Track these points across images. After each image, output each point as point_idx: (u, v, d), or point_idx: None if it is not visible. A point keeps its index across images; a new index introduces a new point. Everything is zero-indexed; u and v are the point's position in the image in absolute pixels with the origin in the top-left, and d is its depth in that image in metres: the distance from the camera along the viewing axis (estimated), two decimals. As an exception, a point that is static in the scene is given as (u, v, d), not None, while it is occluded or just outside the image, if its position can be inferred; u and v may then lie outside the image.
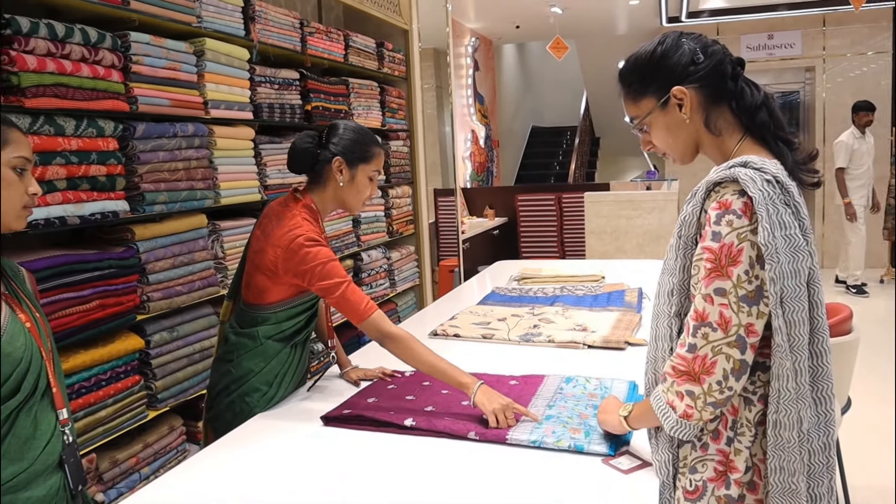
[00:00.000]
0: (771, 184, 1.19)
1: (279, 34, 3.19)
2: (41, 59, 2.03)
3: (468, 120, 9.11)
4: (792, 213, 1.20)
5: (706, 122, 1.32)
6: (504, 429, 1.68)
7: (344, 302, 1.86)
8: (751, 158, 1.23)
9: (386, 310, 4.20)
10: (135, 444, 2.41)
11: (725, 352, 1.18)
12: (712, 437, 1.27)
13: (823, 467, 1.24)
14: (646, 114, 1.36)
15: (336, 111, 3.65)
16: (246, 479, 1.56)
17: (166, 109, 2.51)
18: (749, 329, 1.18)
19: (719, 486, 1.25)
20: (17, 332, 1.35)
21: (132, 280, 2.37)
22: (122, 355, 2.32)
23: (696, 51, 1.30)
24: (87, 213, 2.21)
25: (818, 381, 1.24)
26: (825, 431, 1.24)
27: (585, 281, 3.42)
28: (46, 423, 1.39)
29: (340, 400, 1.94)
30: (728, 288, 1.18)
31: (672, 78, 1.31)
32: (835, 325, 2.48)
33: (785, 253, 1.16)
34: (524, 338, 2.48)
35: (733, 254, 1.18)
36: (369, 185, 2.09)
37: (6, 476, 1.32)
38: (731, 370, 1.18)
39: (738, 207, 1.18)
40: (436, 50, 7.17)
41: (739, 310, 1.18)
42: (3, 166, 1.33)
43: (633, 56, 1.37)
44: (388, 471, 1.55)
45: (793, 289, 1.17)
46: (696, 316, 1.21)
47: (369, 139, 2.06)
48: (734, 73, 1.31)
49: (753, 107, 1.29)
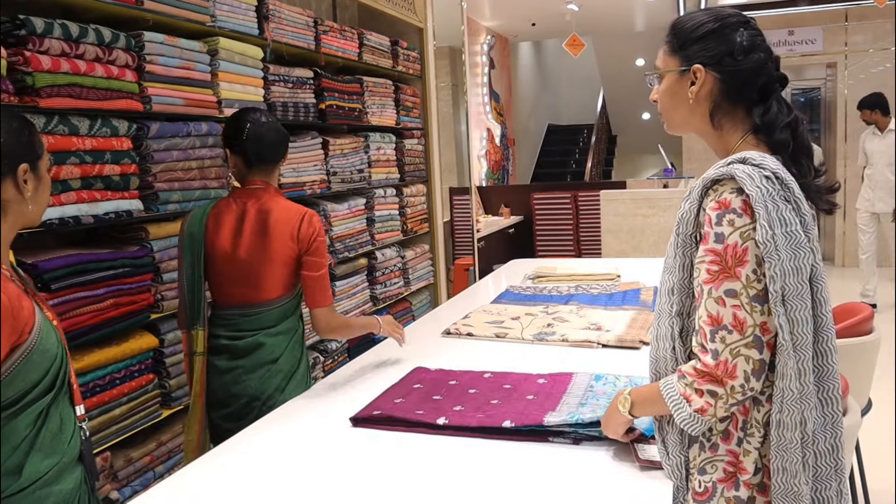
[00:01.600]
0: (770, 180, 1.17)
1: (293, 33, 3.19)
2: (55, 60, 2.04)
3: (484, 118, 9.09)
4: (793, 209, 1.18)
5: (711, 113, 1.30)
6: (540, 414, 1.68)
7: (323, 281, 2.13)
8: (750, 154, 1.21)
9: (400, 308, 4.21)
10: (149, 443, 2.42)
11: (744, 353, 1.17)
12: (722, 438, 1.24)
13: (831, 470, 1.22)
14: (665, 70, 1.34)
15: (350, 109, 3.64)
16: (264, 479, 1.55)
17: (180, 109, 2.52)
18: (763, 328, 1.16)
19: (729, 487, 1.23)
20: (49, 329, 1.40)
21: (146, 279, 2.38)
22: (137, 354, 2.33)
23: (742, 47, 1.27)
24: (102, 212, 2.21)
25: (824, 380, 1.22)
26: (832, 433, 1.22)
27: (600, 280, 3.40)
28: (69, 419, 1.45)
29: (364, 399, 1.93)
30: (738, 289, 1.17)
31: (702, 55, 1.28)
32: (855, 324, 2.44)
33: (786, 250, 1.14)
34: (538, 337, 2.46)
35: (739, 254, 1.16)
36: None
37: (44, 468, 1.38)
38: (751, 371, 1.17)
39: (737, 206, 1.17)
40: (451, 48, 7.15)
41: (753, 310, 1.16)
42: (45, 170, 1.46)
43: (691, 15, 1.34)
44: (421, 471, 1.55)
45: (795, 286, 1.15)
46: (710, 321, 1.19)
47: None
48: (766, 86, 1.28)
49: (775, 125, 1.26)
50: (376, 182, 3.95)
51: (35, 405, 1.37)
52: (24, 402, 1.35)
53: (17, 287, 1.37)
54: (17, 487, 1.36)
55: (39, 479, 1.38)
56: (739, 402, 1.20)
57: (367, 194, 3.87)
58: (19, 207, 1.40)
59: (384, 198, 4.01)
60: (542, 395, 1.87)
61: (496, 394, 1.92)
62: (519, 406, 1.80)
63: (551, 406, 1.77)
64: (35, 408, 1.37)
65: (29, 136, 1.43)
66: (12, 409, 1.34)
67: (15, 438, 1.35)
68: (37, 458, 1.37)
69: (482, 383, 2.01)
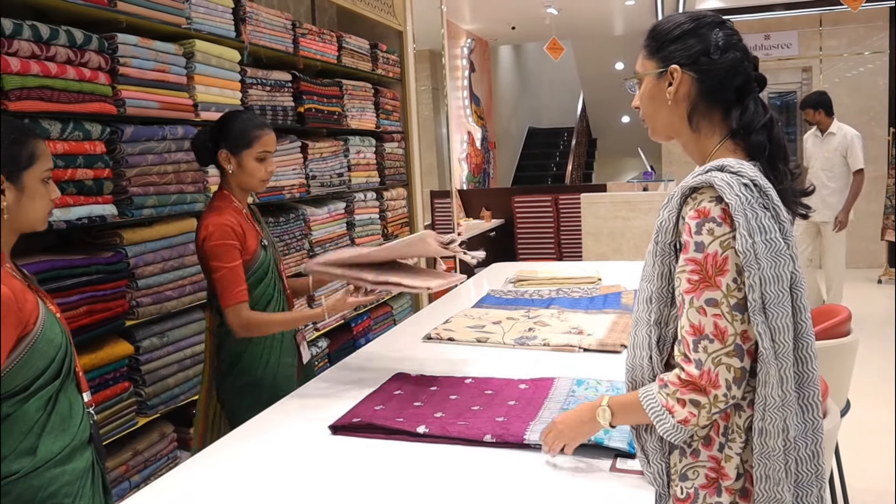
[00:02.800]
0: (748, 188, 1.17)
1: (271, 35, 3.16)
2: (25, 62, 2.00)
3: (464, 121, 9.09)
4: (772, 216, 1.18)
5: (689, 114, 1.30)
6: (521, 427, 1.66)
7: (221, 282, 2.10)
8: (727, 162, 1.21)
9: (381, 313, 4.18)
10: (124, 452, 2.37)
11: (725, 362, 1.17)
12: (703, 444, 1.24)
13: (812, 476, 1.21)
14: (643, 73, 1.34)
15: (329, 113, 3.61)
16: (243, 488, 1.52)
17: (155, 112, 2.48)
18: (744, 336, 1.16)
19: (711, 493, 1.22)
20: (53, 321, 1.53)
21: (121, 285, 2.34)
22: (111, 361, 2.28)
23: (717, 46, 1.27)
24: (74, 217, 2.17)
25: (804, 387, 1.21)
26: (813, 439, 1.22)
27: (582, 283, 3.39)
28: (77, 404, 1.58)
29: (344, 406, 1.90)
30: (719, 298, 1.16)
31: (679, 55, 1.28)
32: (833, 326, 2.46)
33: (766, 258, 1.14)
34: (519, 341, 2.45)
35: (719, 263, 1.16)
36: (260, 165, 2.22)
37: (57, 448, 1.51)
38: (732, 379, 1.17)
39: (716, 215, 1.17)
40: (431, 51, 7.14)
41: (733, 319, 1.16)
42: (34, 180, 1.52)
43: (668, 17, 1.34)
44: (401, 480, 1.52)
45: (776, 294, 1.15)
46: (692, 330, 1.18)
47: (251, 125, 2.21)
48: (743, 86, 1.27)
49: (752, 126, 1.25)
50: (356, 186, 3.93)
51: (44, 391, 1.49)
52: (33, 388, 1.48)
53: (20, 282, 1.49)
54: (33, 466, 1.47)
55: (53, 458, 1.50)
56: (722, 411, 1.19)
57: (346, 198, 3.85)
58: (12, 214, 1.50)
59: (364, 202, 3.99)
60: (523, 400, 1.86)
61: (477, 400, 1.90)
62: (501, 411, 1.78)
63: (533, 412, 1.76)
64: (44, 393, 1.49)
65: (13, 145, 1.48)
66: (23, 395, 1.47)
67: (28, 422, 1.48)
68: (49, 440, 1.50)
69: (463, 389, 2.00)
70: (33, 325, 1.47)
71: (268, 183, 2.28)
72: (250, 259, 2.17)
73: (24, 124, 1.52)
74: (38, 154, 1.52)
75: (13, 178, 1.48)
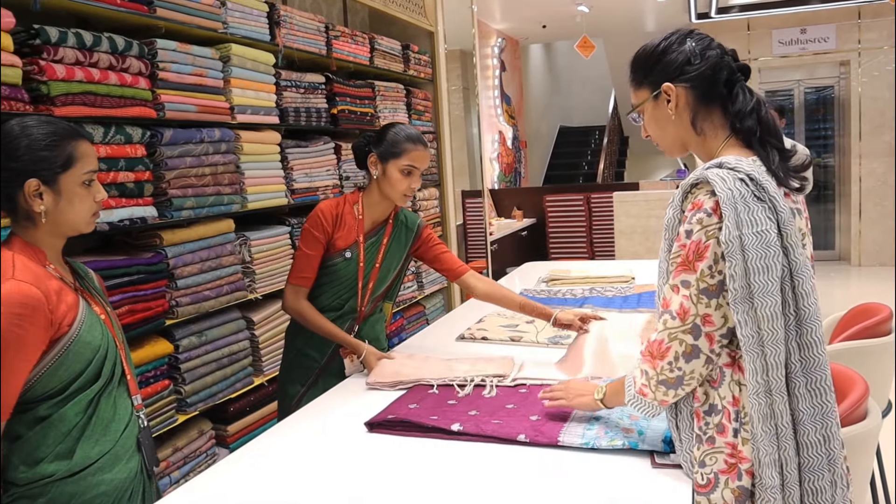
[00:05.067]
0: (744, 182, 1.25)
1: (304, 38, 3.20)
2: (70, 68, 2.05)
3: (495, 121, 9.08)
4: (768, 208, 1.25)
5: (692, 122, 1.41)
6: (556, 427, 1.66)
7: (294, 260, 2.28)
8: (727, 159, 1.31)
9: (414, 312, 4.21)
10: (164, 449, 2.42)
11: (679, 337, 1.28)
12: (718, 431, 1.30)
13: (823, 460, 1.25)
14: (640, 103, 1.46)
15: (362, 114, 3.65)
16: (282, 485, 1.54)
17: (193, 115, 2.53)
18: (705, 319, 1.26)
19: (733, 478, 1.27)
20: (94, 323, 1.50)
21: (161, 285, 2.39)
22: (152, 360, 2.34)
23: (695, 52, 1.38)
24: (116, 219, 2.23)
25: (811, 371, 1.26)
26: (822, 423, 1.25)
27: (615, 282, 3.38)
28: (124, 408, 1.56)
29: (379, 404, 1.93)
30: (692, 281, 1.27)
31: (666, 74, 1.40)
32: (873, 325, 2.41)
33: (755, 249, 1.21)
34: (552, 340, 2.45)
35: (700, 250, 1.26)
36: (404, 178, 2.26)
37: (94, 455, 1.48)
38: (682, 353, 1.28)
39: (709, 206, 1.26)
40: (462, 51, 7.15)
41: (698, 301, 1.26)
42: (73, 183, 1.48)
43: (642, 47, 1.46)
44: (436, 477, 1.53)
45: (763, 284, 1.21)
46: (664, 303, 1.31)
47: (404, 136, 2.27)
48: (730, 79, 1.38)
49: (743, 112, 1.36)
50: (389, 186, 3.94)
51: (83, 394, 1.47)
52: (71, 390, 1.46)
53: (59, 283, 1.46)
54: (68, 471, 1.45)
55: (91, 465, 1.47)
56: (670, 381, 1.31)
57: (379, 198, 3.86)
58: (50, 217, 1.47)
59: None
60: (557, 399, 1.86)
61: (512, 398, 1.91)
62: (535, 409, 1.79)
63: (567, 411, 1.76)
64: (83, 396, 1.47)
65: (55, 149, 1.45)
66: (60, 398, 1.45)
67: (65, 425, 1.45)
68: (87, 445, 1.47)
69: (497, 387, 2.00)
70: (68, 326, 1.44)
71: (409, 198, 2.32)
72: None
73: (66, 126, 1.49)
74: (77, 156, 1.48)
75: (50, 182, 1.45)
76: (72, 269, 1.59)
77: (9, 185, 1.44)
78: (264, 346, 2.87)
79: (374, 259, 2.32)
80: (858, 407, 1.68)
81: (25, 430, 1.44)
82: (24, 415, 1.44)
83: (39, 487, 1.44)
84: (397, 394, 2.01)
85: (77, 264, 1.63)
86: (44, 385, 1.43)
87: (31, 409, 1.44)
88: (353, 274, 2.28)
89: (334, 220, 2.25)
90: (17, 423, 1.44)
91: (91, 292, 1.59)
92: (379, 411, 1.86)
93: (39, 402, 1.44)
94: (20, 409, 1.42)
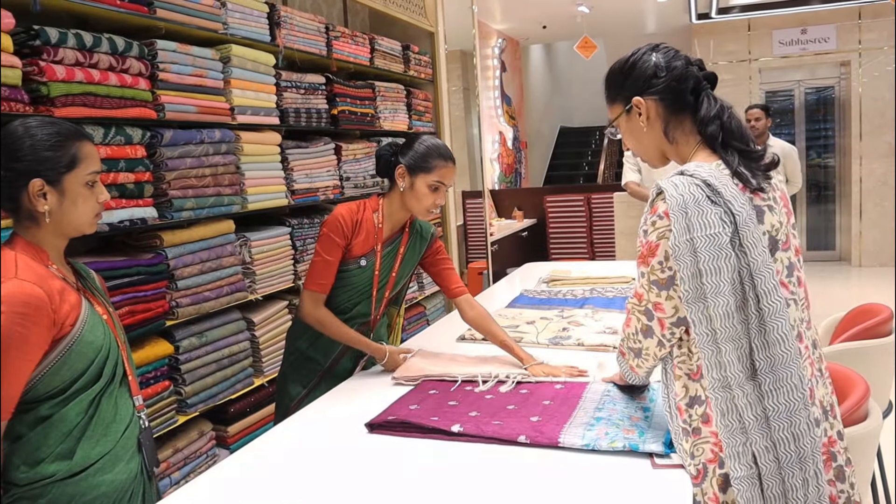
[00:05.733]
0: (699, 187, 1.32)
1: (305, 39, 3.20)
2: (70, 69, 2.05)
3: (495, 121, 9.08)
4: (723, 212, 1.31)
5: (665, 131, 1.48)
6: (556, 428, 1.66)
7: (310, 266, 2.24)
8: (688, 166, 1.39)
9: (414, 313, 4.21)
10: (165, 450, 2.42)
11: (637, 315, 1.46)
12: (703, 421, 1.35)
13: (794, 458, 1.27)
14: (615, 118, 1.54)
15: (362, 115, 3.65)
16: (282, 485, 1.54)
17: (193, 116, 2.53)
18: (656, 306, 1.40)
19: (717, 466, 1.32)
20: (96, 323, 1.51)
21: (161, 286, 2.39)
22: (152, 361, 2.34)
23: (660, 65, 1.45)
24: (116, 220, 2.22)
25: (777, 369, 1.28)
26: (789, 421, 1.27)
27: (615, 282, 3.38)
28: (125, 409, 1.56)
29: (379, 405, 1.93)
30: (645, 272, 1.40)
31: (635, 88, 1.48)
32: (874, 326, 2.41)
33: (706, 251, 1.29)
34: (553, 341, 2.45)
35: (652, 248, 1.38)
36: (430, 194, 2.25)
37: (95, 455, 1.48)
38: (640, 328, 1.45)
39: (662, 211, 1.35)
40: (462, 52, 7.15)
41: (650, 289, 1.41)
42: (76, 184, 1.49)
43: (613, 64, 1.54)
44: (436, 477, 1.53)
45: (714, 284, 1.28)
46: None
47: (437, 152, 2.24)
48: (696, 88, 1.44)
49: (707, 119, 1.42)
50: (389, 187, 3.94)
51: (84, 394, 1.47)
52: (72, 390, 1.46)
53: (61, 283, 1.46)
54: (68, 472, 1.45)
55: (91, 465, 1.47)
56: (634, 350, 1.49)
57: (379, 199, 3.86)
58: (53, 217, 1.47)
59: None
60: (558, 400, 1.86)
61: (512, 399, 1.91)
62: (535, 410, 1.79)
63: (567, 413, 1.76)
64: (84, 397, 1.47)
65: (51, 149, 1.45)
66: (61, 398, 1.45)
67: (66, 425, 1.46)
68: (88, 445, 1.47)
69: (497, 388, 2.00)
70: (71, 326, 1.44)
71: (432, 214, 2.29)
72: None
73: (70, 127, 1.50)
74: (80, 157, 1.49)
75: (54, 182, 1.45)
76: (74, 270, 1.60)
77: (12, 185, 1.44)
78: (265, 347, 2.87)
79: (391, 268, 2.32)
80: (859, 408, 1.68)
81: (26, 431, 1.44)
82: (26, 415, 1.44)
83: (40, 488, 1.44)
84: (398, 394, 2.01)
85: (79, 265, 1.63)
86: (46, 385, 1.43)
87: (33, 409, 1.44)
88: (366, 281, 2.27)
89: (354, 226, 2.21)
90: (18, 423, 1.44)
91: (93, 292, 1.59)
92: (379, 412, 1.86)
93: (41, 402, 1.44)
94: (21, 409, 1.43)
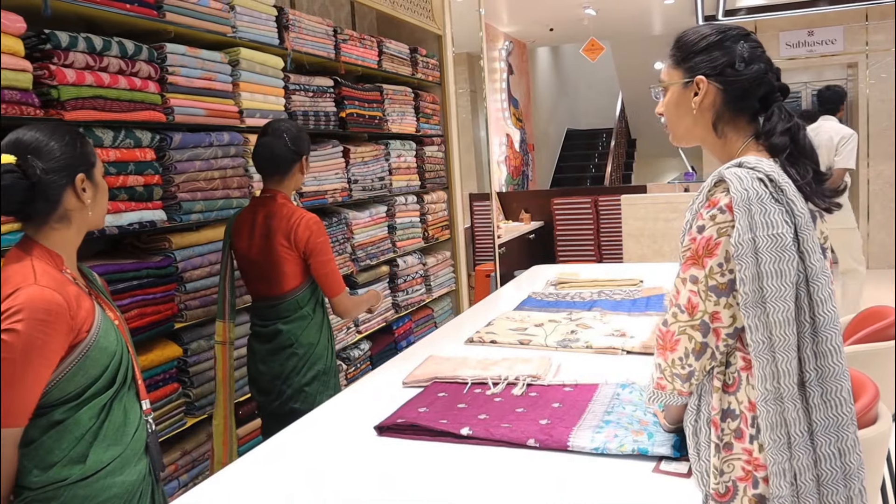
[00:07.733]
0: (763, 182, 1.22)
1: (313, 42, 3.21)
2: (80, 73, 2.06)
3: (503, 124, 9.08)
4: (785, 211, 1.21)
5: (714, 122, 1.37)
6: (564, 431, 1.65)
7: (331, 274, 2.41)
8: (746, 159, 1.28)
9: (422, 315, 4.21)
10: (173, 452, 2.43)
11: (689, 333, 1.28)
12: (735, 437, 1.27)
13: (839, 474, 1.19)
14: (669, 82, 1.42)
15: (370, 117, 3.65)
16: (292, 488, 1.54)
17: (202, 119, 2.54)
18: (714, 316, 1.25)
19: (750, 486, 1.24)
20: (109, 328, 1.52)
21: (170, 289, 2.40)
22: (161, 363, 2.34)
23: (743, 58, 1.33)
24: (126, 222, 2.23)
25: (826, 382, 1.21)
26: (836, 436, 1.20)
27: (623, 285, 3.37)
28: (134, 413, 1.58)
29: (388, 408, 1.93)
30: (700, 277, 1.26)
31: (705, 67, 1.35)
32: (882, 329, 2.39)
33: (769, 252, 1.18)
34: (562, 343, 2.45)
35: (710, 246, 1.24)
36: None
37: (107, 459, 1.50)
38: (691, 349, 1.28)
39: (724, 203, 1.23)
40: (469, 54, 7.16)
41: (707, 298, 1.25)
42: (100, 177, 1.57)
43: (694, 29, 1.40)
44: (445, 480, 1.53)
45: (776, 288, 1.18)
46: (674, 295, 1.30)
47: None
48: (767, 97, 1.34)
49: (774, 131, 1.32)
50: (397, 189, 3.96)
51: (97, 399, 1.49)
52: (86, 395, 1.47)
53: (76, 288, 1.48)
54: (81, 475, 1.46)
55: (103, 468, 1.48)
56: (683, 377, 1.31)
57: (388, 202, 3.88)
58: (81, 214, 1.52)
59: (405, 205, 4.01)
60: (567, 403, 1.85)
61: (521, 401, 1.90)
62: (545, 413, 1.78)
63: (576, 416, 1.75)
64: (97, 401, 1.49)
65: (81, 146, 1.52)
66: (75, 403, 1.46)
67: (79, 430, 1.47)
68: (100, 449, 1.49)
69: (507, 391, 2.00)
70: (86, 332, 1.46)
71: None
72: None
73: (72, 127, 1.56)
74: (93, 152, 1.57)
75: (89, 176, 1.53)
76: (82, 273, 1.61)
77: (54, 185, 1.46)
78: (273, 350, 2.87)
79: None
80: (869, 411, 1.66)
81: (39, 435, 1.45)
82: (39, 419, 1.45)
83: (52, 491, 1.44)
84: (408, 397, 2.01)
85: (84, 268, 1.64)
86: (61, 390, 1.44)
87: (47, 413, 1.45)
88: None
89: None
90: (32, 427, 1.44)
91: (103, 296, 1.61)
92: (389, 415, 1.86)
93: (55, 407, 1.45)
94: (35, 414, 1.44)
